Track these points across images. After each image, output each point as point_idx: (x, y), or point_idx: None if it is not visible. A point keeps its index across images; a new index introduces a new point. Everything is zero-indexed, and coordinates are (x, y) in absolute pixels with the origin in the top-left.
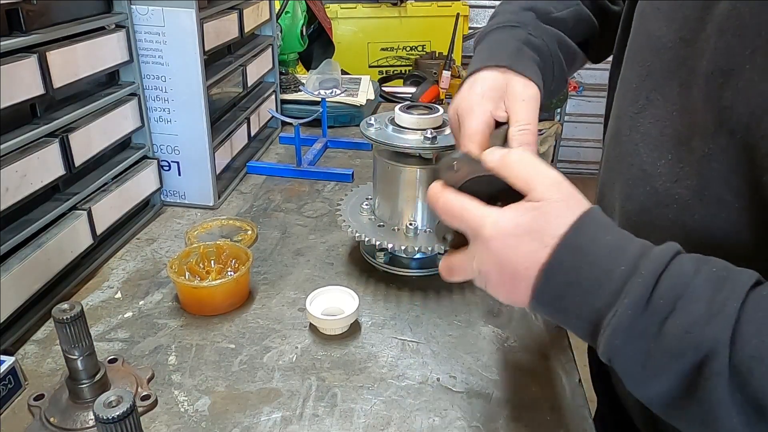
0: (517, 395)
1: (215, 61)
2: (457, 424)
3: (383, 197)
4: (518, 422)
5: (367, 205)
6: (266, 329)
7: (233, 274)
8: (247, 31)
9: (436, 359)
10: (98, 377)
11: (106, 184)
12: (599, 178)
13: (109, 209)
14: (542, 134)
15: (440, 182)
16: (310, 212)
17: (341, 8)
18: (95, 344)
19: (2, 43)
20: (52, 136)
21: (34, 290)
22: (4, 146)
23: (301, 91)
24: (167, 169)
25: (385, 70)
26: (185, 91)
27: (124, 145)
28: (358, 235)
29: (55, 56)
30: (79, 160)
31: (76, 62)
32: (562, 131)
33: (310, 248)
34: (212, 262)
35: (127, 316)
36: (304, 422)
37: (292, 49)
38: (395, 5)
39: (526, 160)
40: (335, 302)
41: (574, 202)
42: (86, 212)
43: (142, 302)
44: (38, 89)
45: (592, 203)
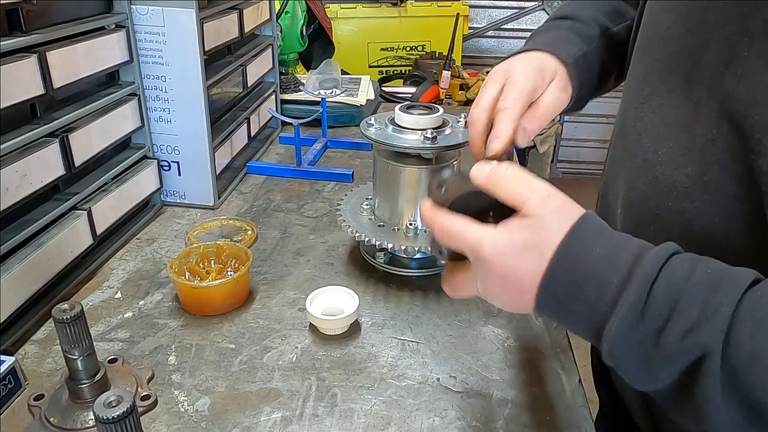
0: (517, 395)
1: (215, 61)
2: (457, 424)
3: (383, 197)
4: (518, 422)
5: (367, 205)
6: (266, 329)
7: (233, 274)
8: (247, 31)
9: (436, 359)
10: (98, 377)
11: (106, 184)
12: (603, 174)
13: (109, 209)
14: (542, 134)
15: (430, 202)
16: (310, 212)
17: (341, 8)
18: (95, 344)
19: (2, 43)
20: (52, 136)
21: (34, 290)
22: (4, 146)
23: (301, 91)
24: (167, 169)
25: (385, 70)
26: (185, 91)
27: (124, 145)
28: (358, 235)
29: (55, 56)
30: (79, 160)
31: (76, 62)
32: (562, 131)
33: (310, 248)
34: (212, 262)
35: (127, 316)
36: (304, 422)
37: (292, 49)
38: (395, 5)
39: (513, 175)
40: (335, 302)
41: (566, 212)
42: (86, 212)
43: (142, 302)
44: (38, 89)
45: (593, 202)
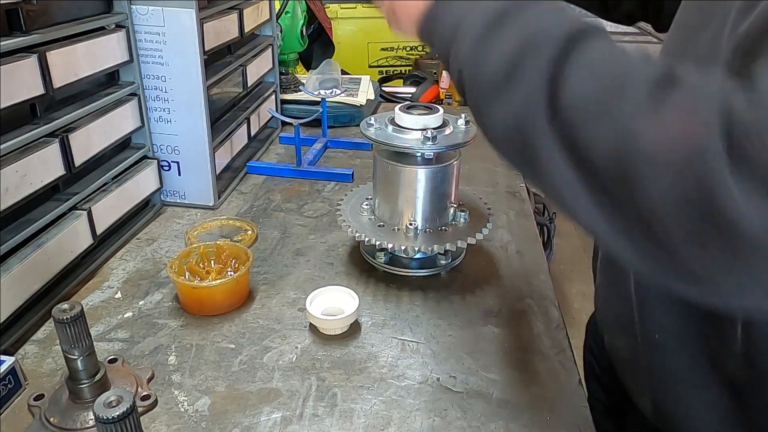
0: (517, 395)
1: (215, 61)
2: (457, 424)
3: (383, 197)
4: (518, 422)
5: (367, 205)
6: (266, 329)
7: (233, 274)
8: (247, 31)
9: (436, 359)
10: (98, 377)
11: (106, 184)
12: None
13: (109, 209)
14: None
15: None
16: (310, 212)
17: (341, 8)
18: (95, 344)
19: (2, 43)
20: (52, 136)
21: (34, 290)
22: (4, 146)
23: (301, 91)
24: (167, 169)
25: (385, 70)
26: (185, 91)
27: (124, 145)
28: (358, 235)
29: (55, 56)
30: (79, 160)
31: (76, 62)
32: None
33: (310, 248)
34: (212, 262)
35: (127, 316)
36: (304, 422)
37: (292, 49)
38: None
39: None
40: (335, 302)
41: None
42: (86, 212)
43: (142, 302)
44: (38, 89)
45: None
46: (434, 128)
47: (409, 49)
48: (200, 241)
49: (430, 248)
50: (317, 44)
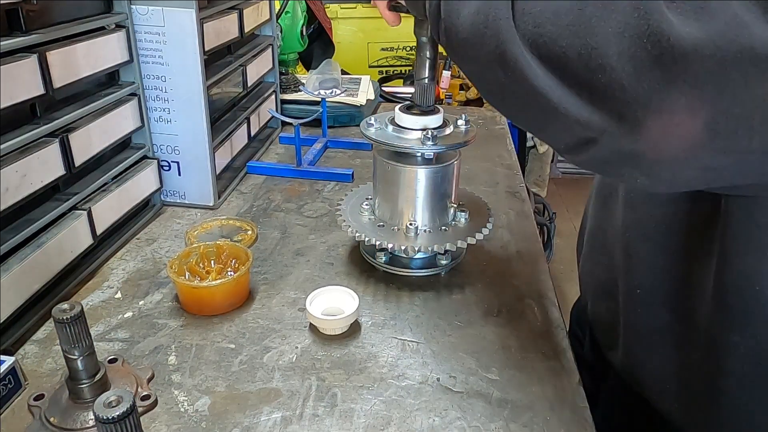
0: (517, 395)
1: (215, 61)
2: (457, 424)
3: (383, 197)
4: (518, 422)
5: (367, 205)
6: (266, 329)
7: (233, 274)
8: (247, 31)
9: (436, 359)
10: (98, 377)
11: (106, 184)
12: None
13: (109, 209)
14: None
15: None
16: (310, 212)
17: (341, 8)
18: (95, 344)
19: (2, 43)
20: (52, 136)
21: (34, 290)
22: (4, 146)
23: (301, 91)
24: (167, 169)
25: (385, 70)
26: (185, 91)
27: (124, 145)
28: (358, 235)
29: (55, 56)
30: (79, 160)
31: (76, 62)
32: None
33: (310, 248)
34: (212, 262)
35: (127, 316)
36: (304, 422)
37: (292, 49)
38: None
39: None
40: (335, 302)
41: None
42: (86, 212)
43: (142, 302)
44: (38, 89)
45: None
46: (434, 128)
47: (409, 49)
48: (200, 241)
49: (430, 248)
50: (317, 44)
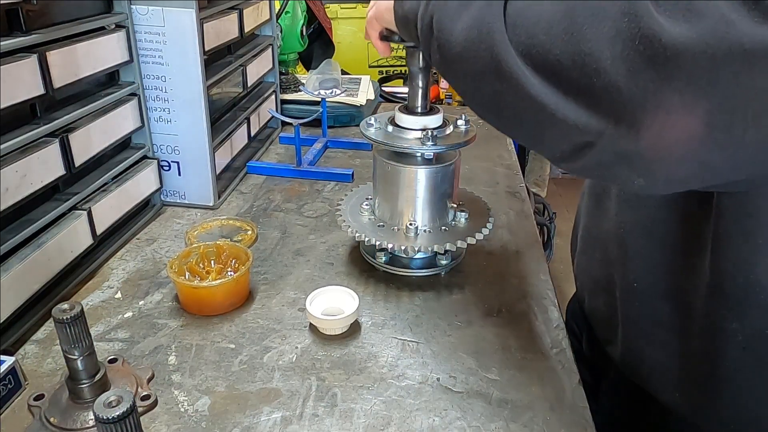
0: (517, 395)
1: (215, 61)
2: (457, 424)
3: (383, 197)
4: (518, 422)
5: (367, 205)
6: (266, 329)
7: (233, 274)
8: (247, 31)
9: (436, 359)
10: (98, 377)
11: (106, 184)
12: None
13: (109, 209)
14: None
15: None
16: (310, 212)
17: (341, 8)
18: (95, 344)
19: (2, 43)
20: (52, 136)
21: (34, 290)
22: (4, 146)
23: (301, 91)
24: (167, 169)
25: (385, 70)
26: (185, 91)
27: (124, 145)
28: (358, 235)
29: (55, 56)
30: (79, 160)
31: (76, 62)
32: None
33: (310, 248)
34: (212, 262)
35: (127, 316)
36: (304, 422)
37: (292, 49)
38: None
39: None
40: (335, 302)
41: None
42: (86, 212)
43: (142, 302)
44: (38, 89)
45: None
46: (434, 128)
47: None
48: (200, 241)
49: (430, 248)
50: (317, 44)
